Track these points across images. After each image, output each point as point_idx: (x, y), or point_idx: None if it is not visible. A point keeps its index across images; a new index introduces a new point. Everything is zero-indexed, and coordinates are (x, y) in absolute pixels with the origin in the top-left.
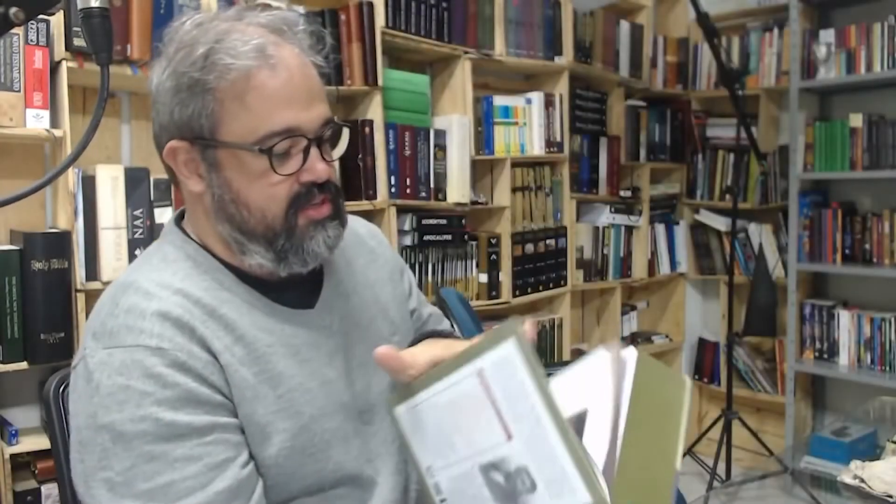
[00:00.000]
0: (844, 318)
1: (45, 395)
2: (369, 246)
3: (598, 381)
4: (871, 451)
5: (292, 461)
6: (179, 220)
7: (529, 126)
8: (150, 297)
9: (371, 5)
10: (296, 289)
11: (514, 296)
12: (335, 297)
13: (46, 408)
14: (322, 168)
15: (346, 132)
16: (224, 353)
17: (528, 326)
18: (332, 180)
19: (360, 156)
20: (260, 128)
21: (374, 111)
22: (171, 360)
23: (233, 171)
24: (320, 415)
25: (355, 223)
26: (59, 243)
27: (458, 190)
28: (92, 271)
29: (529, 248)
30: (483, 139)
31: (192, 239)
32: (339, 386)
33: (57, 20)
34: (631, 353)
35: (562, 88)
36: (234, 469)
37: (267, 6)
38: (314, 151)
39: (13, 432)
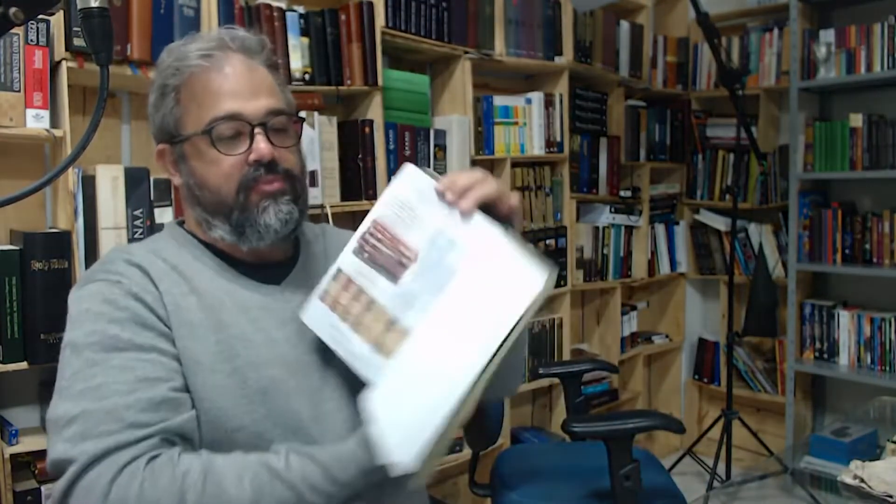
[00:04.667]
0: (844, 318)
1: None
2: None
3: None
4: (871, 451)
5: (225, 399)
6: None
7: (529, 126)
8: (126, 252)
9: (371, 5)
10: (269, 270)
11: None
12: (304, 279)
13: None
14: (265, 148)
15: (304, 126)
16: (175, 295)
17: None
18: (286, 166)
19: (360, 156)
20: (207, 116)
21: (374, 111)
22: (125, 290)
23: (195, 159)
24: (259, 363)
25: (348, 233)
26: (59, 243)
27: None
28: None
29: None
30: (483, 139)
31: (185, 230)
32: (284, 347)
33: (57, 20)
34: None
35: (562, 88)
36: (161, 388)
37: (232, 28)
38: (259, 136)
39: (13, 432)
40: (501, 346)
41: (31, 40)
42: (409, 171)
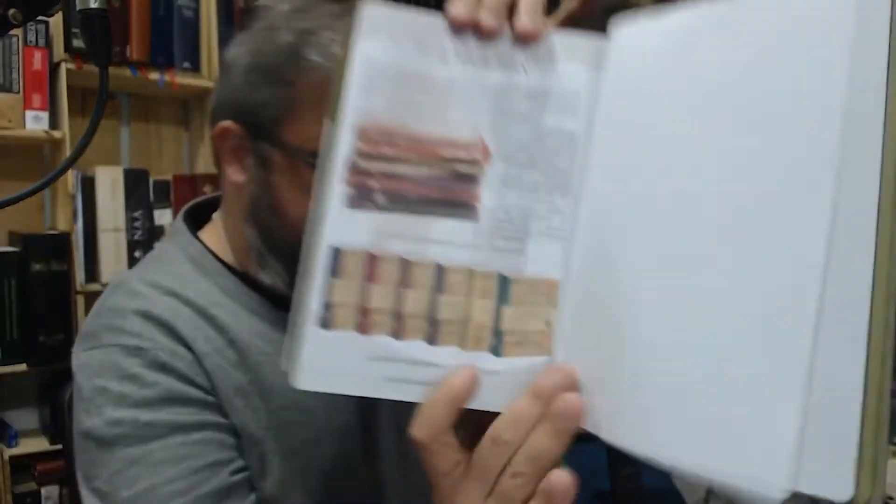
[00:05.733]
0: None
1: (59, 403)
2: None
3: None
4: None
5: (283, 488)
6: (189, 214)
7: None
8: (136, 296)
9: None
10: None
11: None
12: None
13: (59, 416)
14: None
15: None
16: (213, 355)
17: None
18: None
19: None
20: None
21: None
22: (149, 359)
23: (282, 175)
24: (317, 439)
25: None
26: (58, 245)
27: None
28: (91, 273)
29: None
30: None
31: (198, 239)
32: (343, 411)
33: (56, 21)
34: None
35: None
36: (223, 474)
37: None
38: None
39: (13, 434)
40: None
41: (31, 41)
42: (369, 13)
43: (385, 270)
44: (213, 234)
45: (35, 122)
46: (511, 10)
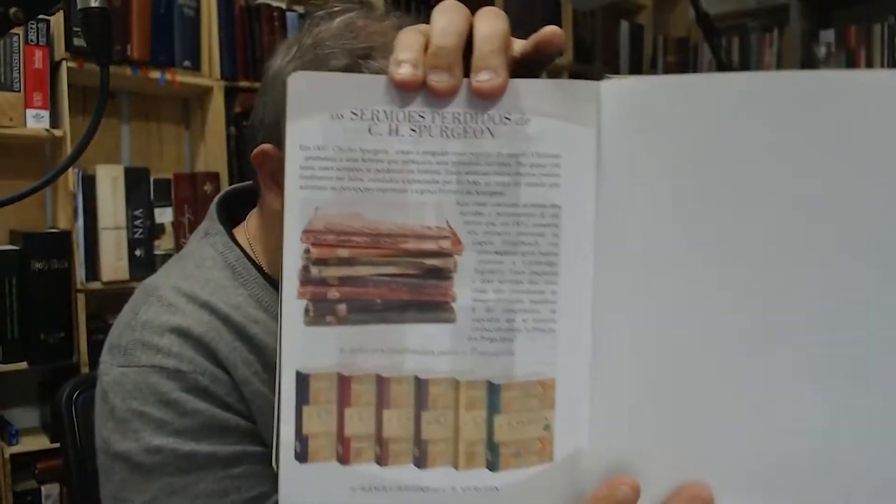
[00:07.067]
0: None
1: (57, 402)
2: None
3: None
4: None
5: None
6: (222, 205)
7: None
8: (172, 310)
9: (371, 6)
10: None
11: None
12: None
13: (57, 414)
14: None
15: None
16: (251, 381)
17: None
18: None
19: None
20: None
21: None
22: (190, 384)
23: None
24: None
25: None
26: (59, 243)
27: None
28: (92, 271)
29: None
30: None
31: (237, 244)
32: None
33: (57, 20)
34: None
35: None
36: None
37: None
38: None
39: (13, 432)
40: None
41: (31, 40)
42: (295, 87)
43: (359, 391)
44: (249, 232)
45: (36, 121)
46: (467, 56)
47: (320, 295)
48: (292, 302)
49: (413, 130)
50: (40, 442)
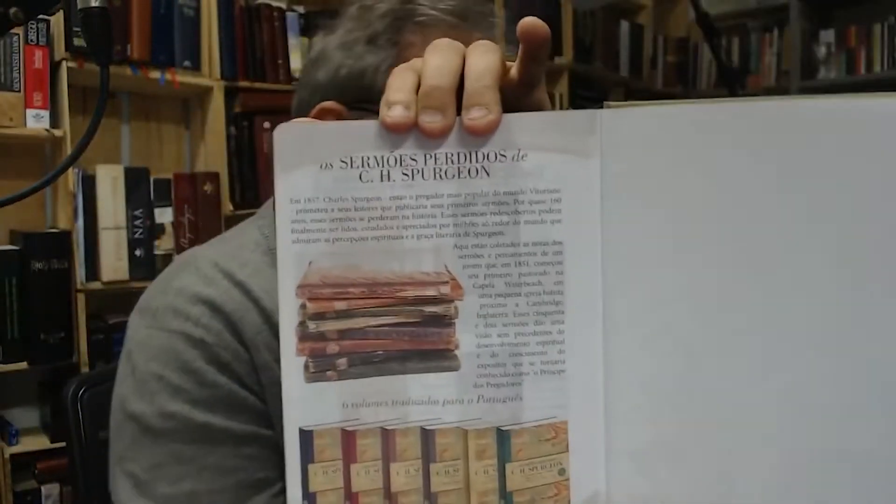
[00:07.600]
0: None
1: (62, 399)
2: None
3: None
4: None
5: None
6: None
7: None
8: (207, 281)
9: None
10: None
11: None
12: None
13: (60, 412)
14: None
15: None
16: (272, 367)
17: None
18: None
19: None
20: None
21: None
22: (213, 356)
23: None
24: None
25: None
26: (59, 243)
27: None
28: (92, 271)
29: None
30: None
31: None
32: None
33: (57, 20)
34: None
35: (562, 88)
36: (265, 495)
37: None
38: None
39: (13, 432)
40: None
41: (31, 40)
42: (282, 138)
43: (364, 446)
44: None
45: (36, 121)
46: (459, 93)
47: (319, 350)
48: (291, 359)
49: (405, 175)
50: (40, 442)
